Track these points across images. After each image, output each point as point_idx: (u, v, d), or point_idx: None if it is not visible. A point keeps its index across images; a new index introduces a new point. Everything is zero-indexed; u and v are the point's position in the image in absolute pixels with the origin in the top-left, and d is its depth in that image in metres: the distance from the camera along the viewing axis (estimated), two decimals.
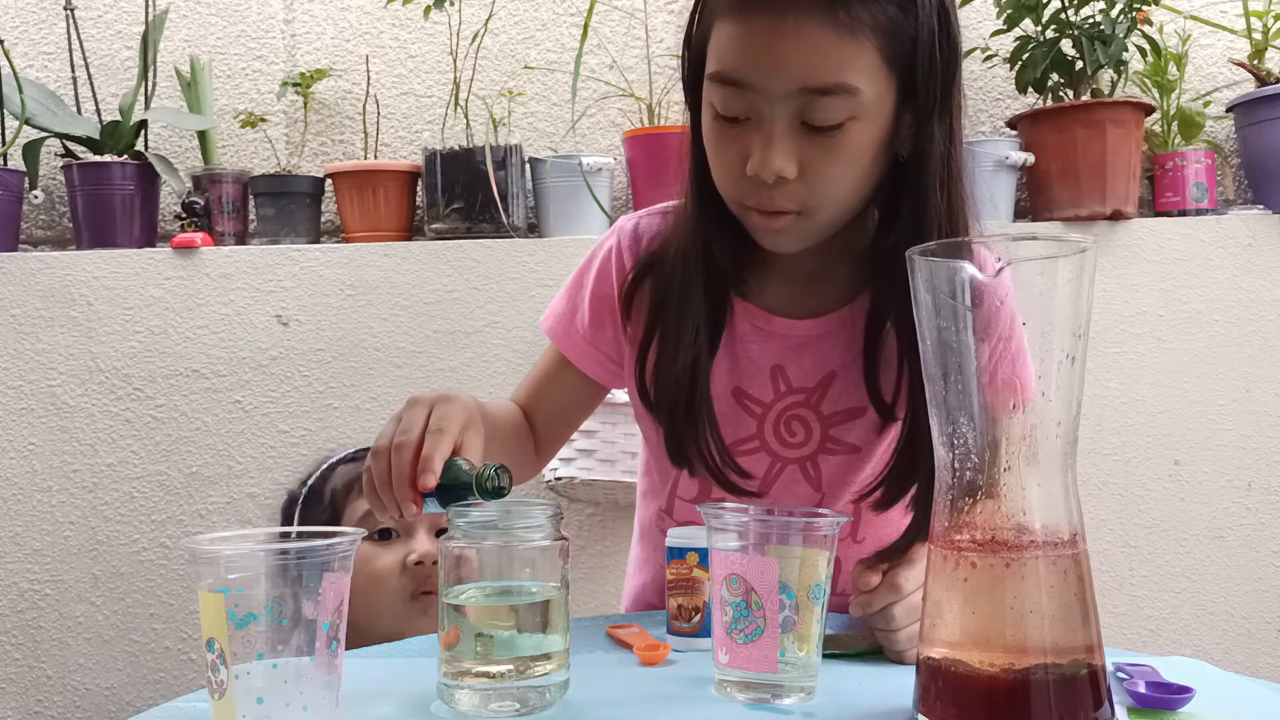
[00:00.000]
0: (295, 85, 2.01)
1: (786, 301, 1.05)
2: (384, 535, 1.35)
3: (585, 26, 1.74)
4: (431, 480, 0.81)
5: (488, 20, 1.95)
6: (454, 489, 0.83)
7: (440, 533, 1.23)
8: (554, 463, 1.75)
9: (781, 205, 0.91)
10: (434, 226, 1.90)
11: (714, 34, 0.90)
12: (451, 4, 1.89)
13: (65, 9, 2.03)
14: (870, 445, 1.06)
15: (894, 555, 0.90)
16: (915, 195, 0.93)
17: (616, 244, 1.12)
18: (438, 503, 0.83)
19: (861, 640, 0.92)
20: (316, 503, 1.48)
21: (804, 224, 0.93)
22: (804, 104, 0.86)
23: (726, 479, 1.03)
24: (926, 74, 0.88)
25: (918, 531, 0.92)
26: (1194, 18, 1.99)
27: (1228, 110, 1.99)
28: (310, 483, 1.52)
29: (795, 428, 1.05)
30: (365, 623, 1.31)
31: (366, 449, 1.34)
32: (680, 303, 1.02)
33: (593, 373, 1.14)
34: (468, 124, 1.93)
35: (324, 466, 1.55)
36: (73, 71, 2.04)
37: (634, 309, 1.08)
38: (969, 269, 0.65)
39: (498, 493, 0.81)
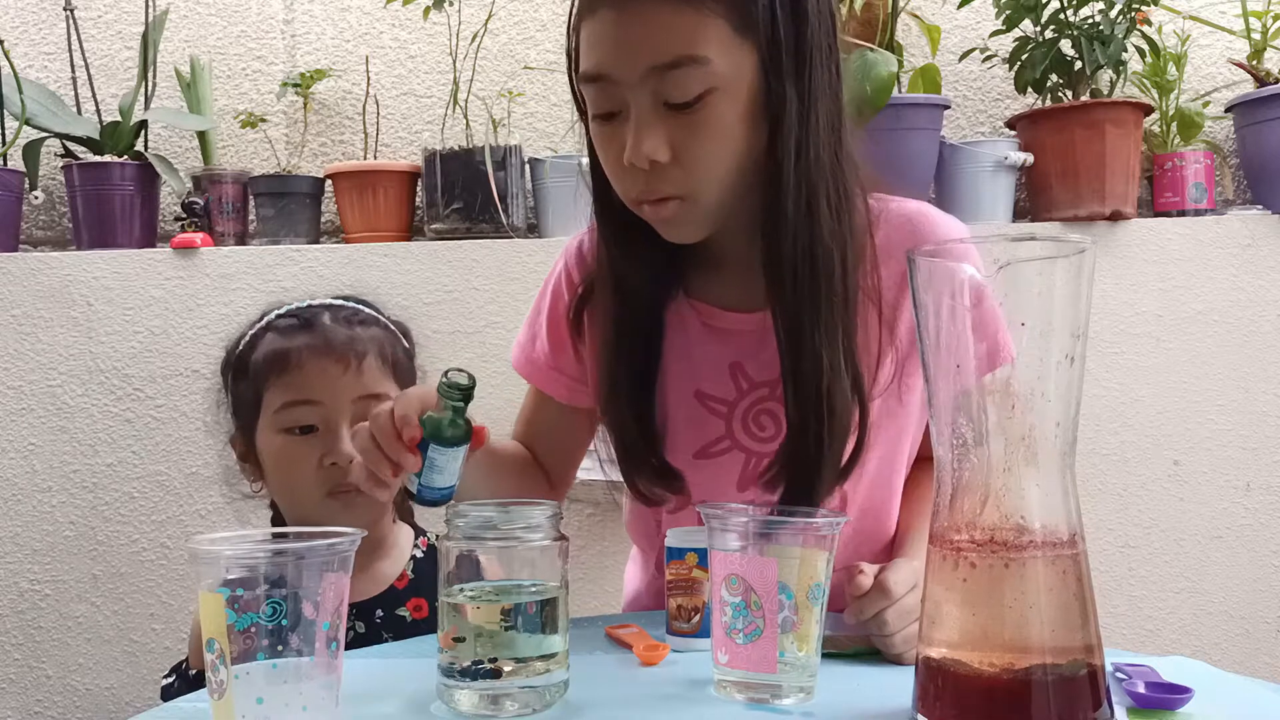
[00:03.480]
0: (295, 85, 2.01)
1: (735, 295, 1.04)
2: (305, 431, 1.22)
3: None
4: (414, 431, 0.85)
5: (487, 21, 1.95)
6: (438, 430, 0.87)
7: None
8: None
9: (664, 191, 0.91)
10: (434, 227, 1.90)
11: (580, 40, 0.93)
12: (451, 4, 1.89)
13: (65, 9, 2.03)
14: None
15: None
16: (770, 160, 0.92)
17: (565, 265, 1.13)
18: (432, 447, 0.87)
19: (860, 640, 0.92)
20: (242, 374, 1.28)
21: (691, 209, 0.93)
22: (658, 83, 0.88)
23: (643, 493, 1.04)
24: (773, 37, 0.88)
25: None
26: (1193, 18, 1.99)
27: (1226, 110, 1.99)
28: (240, 348, 1.29)
29: (765, 422, 1.03)
30: (290, 515, 1.26)
31: (305, 306, 1.28)
32: (601, 316, 1.03)
33: (561, 396, 1.13)
34: (467, 124, 1.93)
35: (256, 327, 1.30)
36: (73, 72, 2.04)
37: (584, 326, 1.09)
38: (967, 269, 0.65)
39: (467, 389, 0.86)
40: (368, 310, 1.33)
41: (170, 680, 1.30)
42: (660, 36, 0.86)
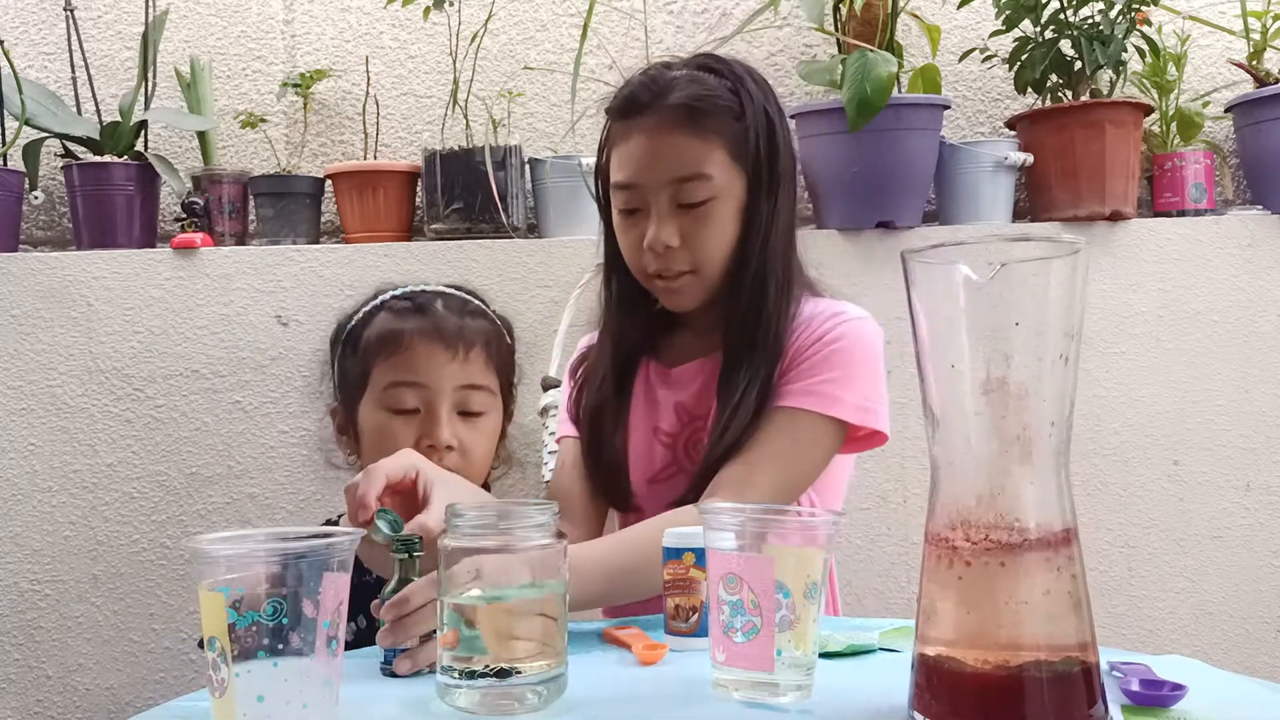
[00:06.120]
0: (295, 85, 2.01)
1: (685, 353, 1.33)
2: (407, 411, 1.27)
3: (585, 27, 1.75)
4: (367, 514, 0.96)
5: (487, 21, 1.95)
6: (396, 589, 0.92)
7: (465, 414, 1.29)
8: (554, 463, 1.75)
9: (677, 268, 1.22)
10: (434, 227, 1.90)
11: (612, 157, 1.25)
12: (451, 4, 1.89)
13: (65, 9, 2.03)
14: None
15: None
16: (740, 250, 1.23)
17: (580, 352, 1.44)
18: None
19: (856, 639, 0.93)
20: (352, 349, 1.34)
21: (696, 281, 1.23)
22: (676, 190, 1.20)
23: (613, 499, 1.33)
24: (755, 165, 1.22)
25: None
26: (1193, 18, 1.99)
27: (1226, 111, 1.99)
28: (352, 323, 1.36)
29: (701, 448, 1.25)
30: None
31: (419, 291, 1.36)
32: (596, 366, 1.35)
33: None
34: (467, 124, 1.93)
35: (370, 305, 1.37)
36: (73, 72, 2.05)
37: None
38: (963, 270, 0.65)
39: (410, 543, 0.93)
40: (477, 301, 1.38)
41: None
42: (681, 159, 1.19)
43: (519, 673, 0.76)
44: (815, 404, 1.18)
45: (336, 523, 1.41)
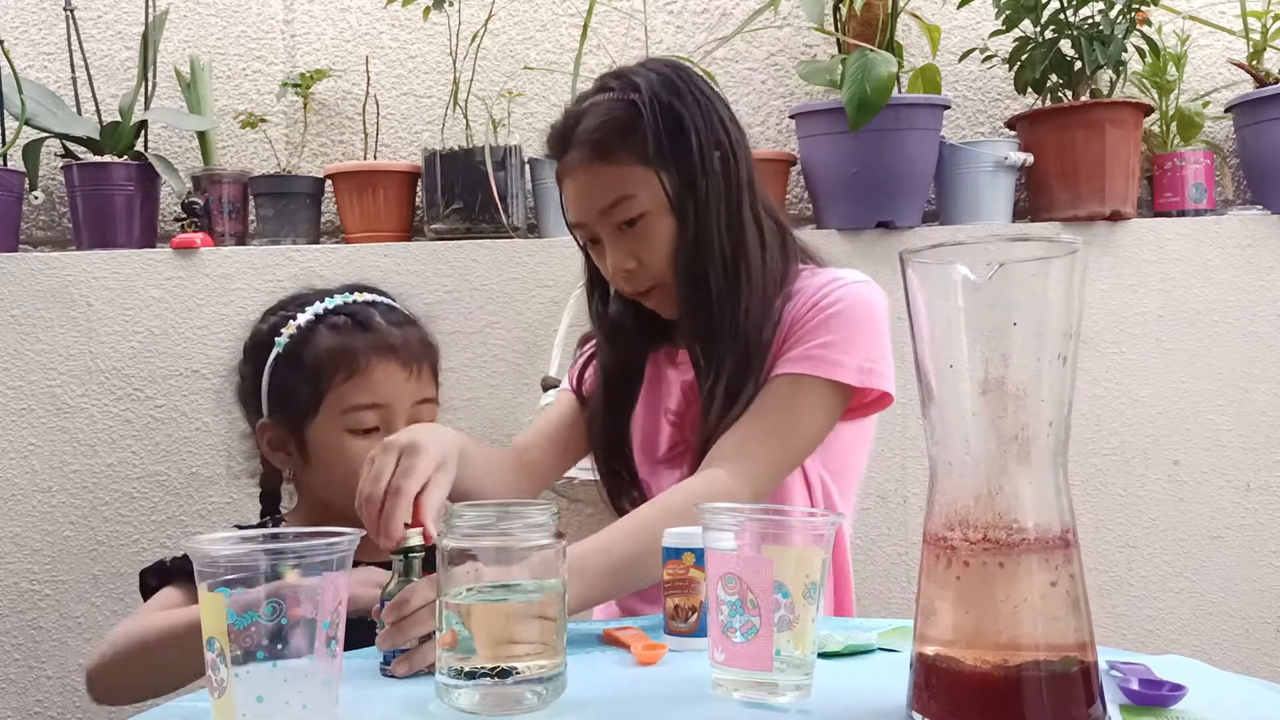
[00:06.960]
0: (295, 86, 2.01)
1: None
2: (368, 431, 1.25)
3: (585, 27, 1.75)
4: (387, 544, 0.95)
5: (487, 21, 1.95)
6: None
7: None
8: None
9: (642, 286, 1.26)
10: (434, 227, 1.90)
11: (562, 198, 1.30)
12: (451, 4, 1.89)
13: (65, 9, 2.03)
14: None
15: None
16: (681, 241, 1.24)
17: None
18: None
19: (854, 639, 0.93)
20: (293, 367, 1.27)
21: (666, 291, 1.26)
22: (610, 216, 1.23)
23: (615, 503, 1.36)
24: (664, 164, 1.22)
25: None
26: (1193, 18, 1.99)
27: (1226, 111, 1.99)
28: (287, 340, 1.29)
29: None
30: (344, 509, 1.25)
31: (350, 302, 1.32)
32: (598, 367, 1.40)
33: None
34: (467, 124, 1.93)
35: (305, 318, 1.30)
36: (73, 72, 2.05)
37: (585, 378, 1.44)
38: (961, 270, 0.65)
39: (411, 550, 0.94)
40: (400, 308, 1.36)
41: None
42: (602, 190, 1.23)
43: (518, 673, 0.76)
44: (815, 369, 1.18)
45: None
